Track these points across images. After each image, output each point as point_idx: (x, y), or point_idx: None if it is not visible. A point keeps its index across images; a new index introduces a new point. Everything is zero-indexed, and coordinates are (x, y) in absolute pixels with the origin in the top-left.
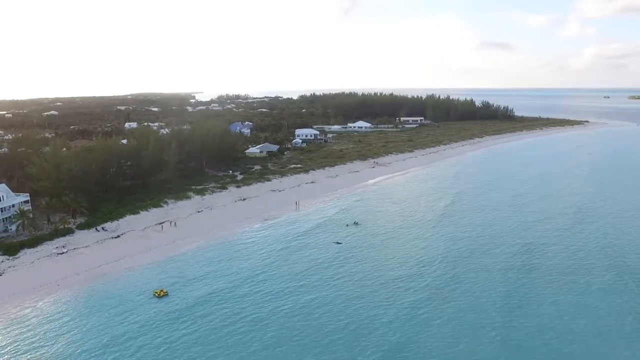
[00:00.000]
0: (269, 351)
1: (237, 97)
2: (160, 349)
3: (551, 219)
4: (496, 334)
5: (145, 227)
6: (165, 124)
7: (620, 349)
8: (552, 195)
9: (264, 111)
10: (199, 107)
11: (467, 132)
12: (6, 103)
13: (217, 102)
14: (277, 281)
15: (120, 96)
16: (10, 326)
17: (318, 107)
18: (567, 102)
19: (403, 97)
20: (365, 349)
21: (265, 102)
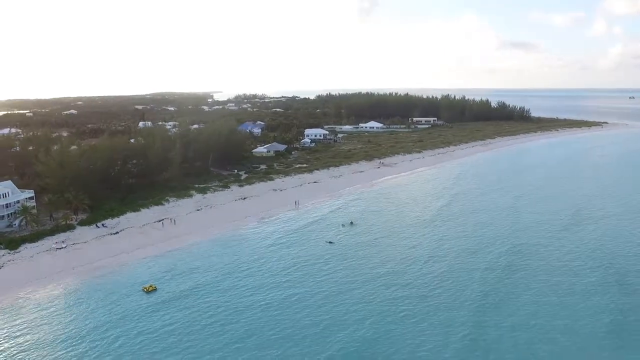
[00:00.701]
0: (240, 344)
1: (254, 97)
2: (138, 339)
3: (546, 220)
4: (467, 331)
5: (144, 224)
6: (179, 124)
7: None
8: (553, 197)
9: (278, 111)
10: (215, 106)
11: (480, 133)
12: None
13: (234, 102)
14: (261, 276)
15: (140, 95)
16: (3, 318)
17: (331, 107)
18: (589, 102)
19: (417, 97)
20: (332, 342)
21: (281, 102)
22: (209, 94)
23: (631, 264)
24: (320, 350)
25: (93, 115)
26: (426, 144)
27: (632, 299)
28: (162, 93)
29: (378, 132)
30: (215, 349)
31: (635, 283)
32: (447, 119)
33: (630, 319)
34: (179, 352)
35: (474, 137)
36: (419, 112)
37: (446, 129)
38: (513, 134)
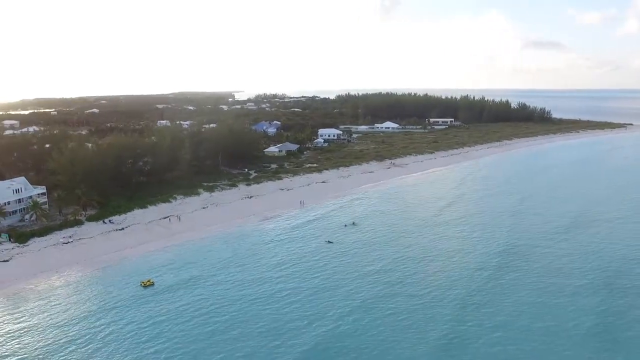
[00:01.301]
0: (222, 335)
1: (274, 97)
2: (126, 327)
3: (547, 223)
4: (446, 329)
5: (150, 221)
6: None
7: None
8: (560, 199)
9: (296, 110)
10: (235, 106)
11: (497, 134)
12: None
13: (253, 102)
14: (254, 271)
15: (163, 95)
16: (7, 305)
17: (349, 107)
18: (617, 104)
19: (436, 97)
20: (310, 336)
21: (301, 102)
22: (230, 94)
23: (626, 268)
24: (297, 343)
25: (114, 114)
26: (440, 144)
27: (619, 302)
28: (184, 92)
29: (393, 132)
30: (197, 340)
31: (625, 286)
32: (465, 119)
33: (612, 321)
34: (162, 341)
35: (490, 138)
36: (436, 113)
37: (463, 129)
38: (531, 135)
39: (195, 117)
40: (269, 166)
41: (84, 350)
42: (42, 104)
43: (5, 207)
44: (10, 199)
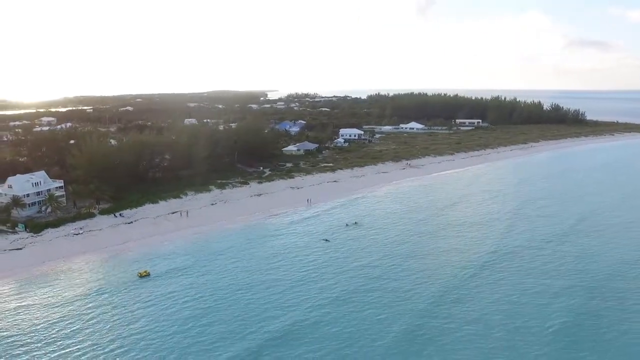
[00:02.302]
0: (198, 320)
1: (305, 96)
2: (114, 310)
3: (543, 226)
4: (416, 323)
5: (158, 215)
6: (223, 121)
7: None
8: (564, 203)
9: (323, 110)
10: (265, 105)
11: (524, 136)
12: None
13: (283, 101)
14: (245, 264)
15: (198, 93)
16: (15, 288)
17: (376, 107)
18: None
19: (465, 98)
20: (281, 323)
21: (330, 102)
22: (263, 93)
23: (612, 273)
24: (269, 329)
25: (145, 112)
26: (462, 146)
27: (597, 304)
28: (218, 91)
29: (418, 133)
30: (174, 324)
31: (605, 290)
32: (493, 121)
33: (586, 323)
34: (143, 324)
35: (516, 140)
36: (464, 114)
37: (490, 131)
38: (560, 138)
39: (222, 116)
40: (285, 165)
41: (69, 328)
42: (82, 102)
43: (23, 199)
44: (30, 191)
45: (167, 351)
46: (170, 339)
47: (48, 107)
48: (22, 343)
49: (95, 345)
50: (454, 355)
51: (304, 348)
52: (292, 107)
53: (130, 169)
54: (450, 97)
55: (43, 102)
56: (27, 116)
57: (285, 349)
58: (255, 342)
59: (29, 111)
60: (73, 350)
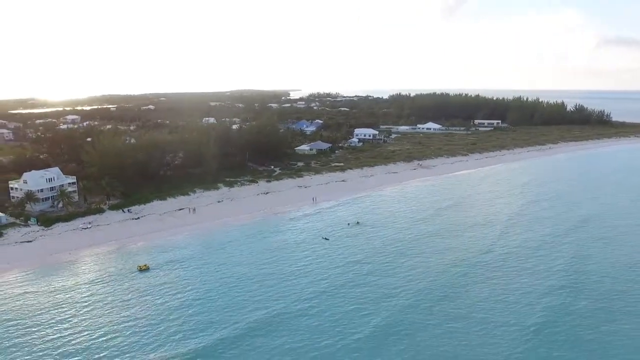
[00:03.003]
0: (187, 309)
1: (327, 96)
2: (111, 298)
3: (539, 230)
4: (397, 317)
5: (165, 212)
6: (240, 120)
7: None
8: (572, 205)
9: (342, 110)
10: (285, 104)
11: (543, 138)
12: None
13: (304, 100)
14: (240, 258)
15: (221, 92)
16: (22, 276)
17: (395, 107)
18: None
19: (486, 98)
20: (268, 311)
21: (351, 101)
22: (286, 92)
23: (604, 275)
24: (254, 315)
25: (166, 111)
26: (478, 147)
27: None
28: (241, 90)
29: (434, 133)
30: (163, 313)
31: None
32: (513, 121)
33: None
34: (137, 311)
35: (534, 141)
36: (484, 114)
37: (509, 132)
38: (581, 140)
39: (241, 115)
40: (296, 164)
41: (65, 312)
42: (107, 100)
43: (36, 194)
44: (44, 186)
45: (152, 338)
46: (156, 326)
47: (75, 105)
48: (25, 323)
49: (86, 329)
50: (428, 350)
51: (282, 338)
52: (311, 107)
53: (141, 167)
54: (470, 97)
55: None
56: (53, 114)
57: (264, 338)
58: (234, 332)
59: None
60: (65, 332)
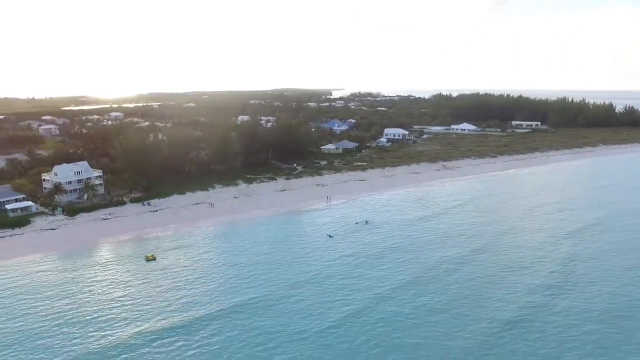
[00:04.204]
0: (177, 291)
1: (368, 95)
2: (112, 280)
3: (533, 233)
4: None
5: (182, 205)
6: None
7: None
8: (566, 213)
9: (380, 110)
10: (323, 103)
11: (582, 140)
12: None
13: (344, 99)
14: (238, 250)
15: (263, 91)
16: (40, 259)
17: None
18: None
19: (527, 99)
20: (242, 297)
21: (390, 101)
22: (329, 91)
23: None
24: (229, 301)
25: (206, 109)
26: (509, 148)
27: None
28: (283, 89)
29: (467, 134)
30: (159, 296)
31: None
32: (554, 123)
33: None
34: (130, 291)
35: (572, 144)
36: (524, 115)
37: (547, 134)
38: (625, 142)
39: (276, 113)
40: (319, 162)
41: (70, 289)
42: (153, 98)
43: (64, 186)
44: (72, 179)
45: (141, 313)
46: (149, 305)
47: (122, 102)
48: (33, 295)
49: (83, 304)
50: (394, 336)
51: (261, 318)
52: (348, 106)
53: (164, 163)
54: (511, 97)
55: (119, 98)
56: (98, 111)
57: (238, 319)
58: (217, 310)
59: (102, 106)
60: (64, 304)
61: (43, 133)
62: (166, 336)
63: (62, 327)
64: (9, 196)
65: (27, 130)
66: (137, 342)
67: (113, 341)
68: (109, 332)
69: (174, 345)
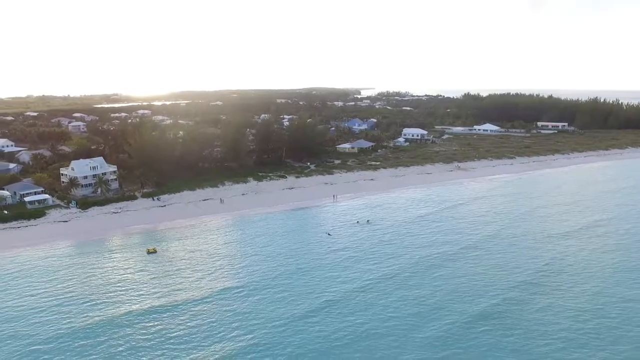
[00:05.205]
0: (174, 278)
1: (396, 94)
2: (107, 268)
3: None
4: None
5: (190, 201)
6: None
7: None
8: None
9: (405, 109)
10: (349, 102)
11: (610, 142)
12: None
13: (370, 99)
14: (231, 245)
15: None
16: (49, 247)
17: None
18: None
19: (556, 99)
20: (225, 283)
21: (417, 101)
22: (357, 90)
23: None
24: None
25: (232, 107)
26: (530, 150)
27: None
28: (312, 88)
29: (489, 135)
30: (152, 282)
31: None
32: (583, 124)
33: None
34: (125, 277)
35: (598, 146)
36: (551, 116)
37: (574, 135)
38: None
39: (297, 113)
40: (332, 161)
41: (72, 273)
42: (184, 96)
43: (79, 180)
44: (88, 174)
45: (134, 297)
46: (140, 289)
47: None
48: (34, 280)
49: (80, 287)
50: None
51: (240, 304)
52: (373, 105)
53: (178, 159)
54: (539, 97)
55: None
56: (127, 109)
57: (219, 305)
58: (201, 295)
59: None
60: (63, 287)
61: (72, 129)
62: (150, 317)
63: (60, 307)
64: (28, 189)
65: (56, 127)
66: (125, 321)
67: (104, 318)
68: (101, 311)
69: (156, 326)
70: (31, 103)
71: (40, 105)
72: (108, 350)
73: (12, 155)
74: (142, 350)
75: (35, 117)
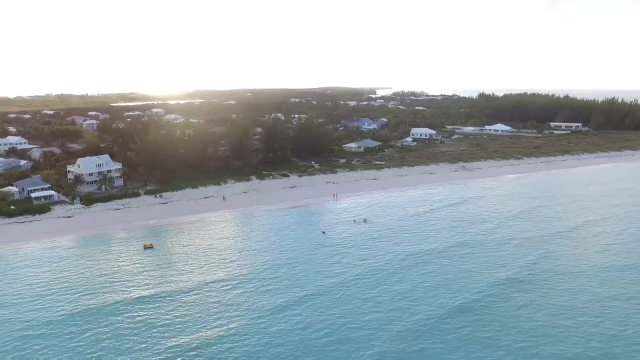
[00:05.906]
0: (166, 270)
1: (411, 94)
2: (102, 262)
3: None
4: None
5: (191, 199)
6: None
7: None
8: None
9: (417, 109)
10: (362, 102)
11: (623, 143)
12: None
13: (382, 99)
14: (225, 241)
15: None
16: (50, 241)
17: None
18: None
19: (571, 99)
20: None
21: (430, 101)
22: (373, 90)
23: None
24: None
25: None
26: (539, 151)
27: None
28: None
29: (500, 135)
30: (142, 275)
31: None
32: (598, 125)
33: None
34: (118, 270)
35: (610, 147)
36: (565, 116)
37: (588, 136)
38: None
39: (308, 112)
40: (338, 160)
41: (70, 265)
42: (198, 95)
43: (83, 177)
44: (93, 171)
45: (125, 287)
46: (134, 280)
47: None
48: (36, 267)
49: (73, 278)
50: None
51: (223, 295)
52: (386, 105)
53: (182, 157)
54: (554, 97)
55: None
56: (141, 107)
57: (203, 296)
58: (188, 285)
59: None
60: (57, 277)
61: (86, 127)
62: (137, 306)
63: (53, 296)
64: (35, 185)
65: (70, 125)
66: (113, 309)
67: (93, 307)
68: (92, 300)
69: (142, 315)
70: (50, 101)
71: (58, 104)
72: (95, 336)
73: (24, 152)
74: (127, 337)
75: (51, 116)
